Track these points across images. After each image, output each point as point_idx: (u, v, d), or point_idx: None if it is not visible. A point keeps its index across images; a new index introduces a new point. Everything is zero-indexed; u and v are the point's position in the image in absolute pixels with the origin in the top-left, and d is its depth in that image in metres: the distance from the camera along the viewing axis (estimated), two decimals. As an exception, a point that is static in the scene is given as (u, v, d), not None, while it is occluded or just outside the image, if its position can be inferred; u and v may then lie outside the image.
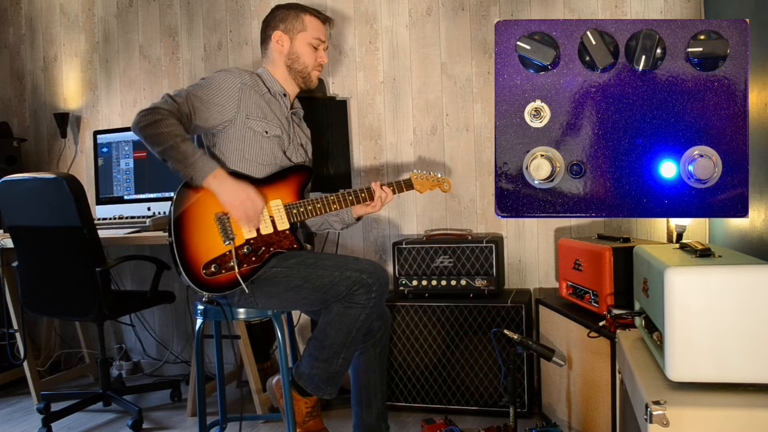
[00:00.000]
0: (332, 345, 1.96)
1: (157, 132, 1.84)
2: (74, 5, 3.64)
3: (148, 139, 1.86)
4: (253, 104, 2.03)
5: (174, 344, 3.53)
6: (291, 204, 2.03)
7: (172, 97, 1.93)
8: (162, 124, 1.84)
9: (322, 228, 2.31)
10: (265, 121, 2.05)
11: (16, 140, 3.53)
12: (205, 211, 1.94)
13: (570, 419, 2.29)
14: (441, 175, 2.29)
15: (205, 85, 1.99)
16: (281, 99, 2.15)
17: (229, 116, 2.00)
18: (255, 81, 2.08)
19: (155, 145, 1.85)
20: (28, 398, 3.16)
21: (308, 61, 2.14)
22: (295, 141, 2.18)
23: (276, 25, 2.14)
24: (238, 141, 2.02)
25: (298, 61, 2.13)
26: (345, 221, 2.25)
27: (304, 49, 2.13)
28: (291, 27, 2.13)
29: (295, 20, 2.13)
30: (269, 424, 2.71)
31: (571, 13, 2.86)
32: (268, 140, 2.05)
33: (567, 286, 2.42)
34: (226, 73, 2.02)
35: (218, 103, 1.98)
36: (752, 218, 1.93)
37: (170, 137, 1.84)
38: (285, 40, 2.13)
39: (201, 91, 1.97)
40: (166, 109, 1.88)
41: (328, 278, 1.93)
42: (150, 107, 1.88)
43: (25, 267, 2.68)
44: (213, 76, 2.02)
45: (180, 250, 1.89)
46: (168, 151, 1.85)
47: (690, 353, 1.23)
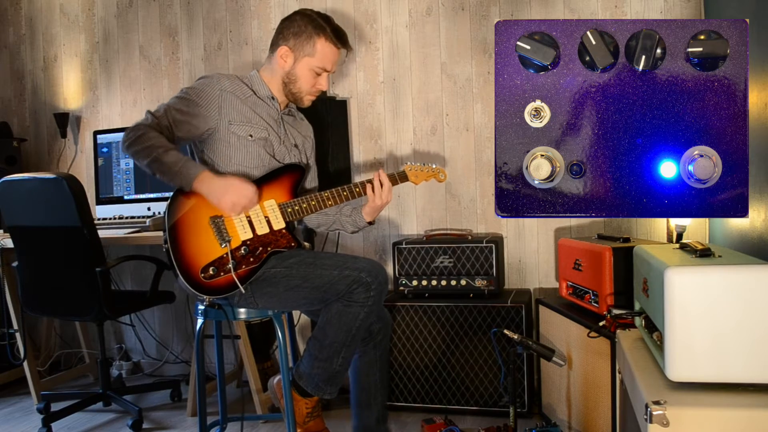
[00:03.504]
0: (332, 344, 1.96)
1: (141, 147, 1.88)
2: (74, 5, 3.64)
3: (135, 156, 1.91)
4: (233, 110, 2.02)
5: (174, 344, 3.53)
6: (285, 203, 2.03)
7: (151, 113, 1.95)
8: (143, 139, 1.88)
9: (333, 228, 2.29)
10: (249, 125, 2.04)
11: (16, 140, 3.53)
12: (199, 215, 1.94)
13: (570, 419, 2.29)
14: (435, 166, 2.25)
15: (185, 96, 1.99)
16: (269, 102, 2.12)
17: (212, 124, 2.00)
18: (235, 85, 2.05)
19: (141, 159, 1.90)
20: (28, 398, 3.16)
21: (304, 87, 2.10)
22: (288, 142, 2.16)
23: (287, 38, 2.07)
24: (224, 147, 2.02)
25: (295, 83, 2.10)
26: (357, 224, 2.22)
27: (305, 74, 2.08)
28: (300, 47, 2.06)
29: (307, 42, 2.05)
30: (269, 424, 2.71)
31: (571, 13, 2.86)
32: (253, 143, 2.04)
33: (567, 286, 2.42)
34: (205, 82, 2.03)
35: (198, 114, 1.98)
36: (752, 218, 1.93)
37: (153, 150, 1.87)
38: (289, 58, 2.07)
39: (180, 104, 1.98)
40: (146, 124, 1.92)
41: (327, 277, 1.93)
42: (132, 126, 1.92)
43: (25, 267, 2.68)
44: (193, 86, 2.03)
45: (177, 256, 1.90)
46: (153, 164, 1.88)
47: (690, 353, 1.23)
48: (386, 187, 2.11)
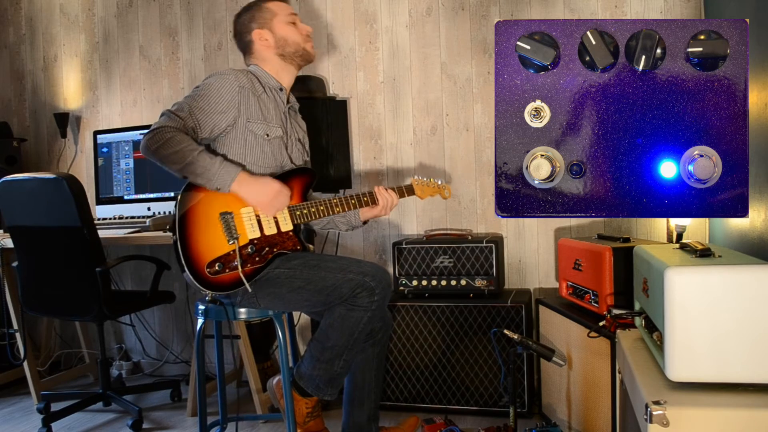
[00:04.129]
0: (334, 347, 1.96)
1: (172, 151, 1.84)
2: (74, 5, 3.64)
3: (164, 160, 1.86)
4: (252, 107, 2.01)
5: (174, 344, 3.53)
6: (295, 206, 2.04)
7: (174, 113, 1.90)
8: (173, 142, 1.84)
9: (327, 227, 2.31)
10: (265, 123, 2.04)
11: (16, 140, 3.53)
12: (209, 210, 1.93)
13: (570, 419, 2.29)
14: (441, 182, 2.32)
15: (204, 94, 1.95)
16: (277, 94, 2.13)
17: (231, 121, 1.98)
18: (251, 81, 2.04)
19: (172, 164, 1.85)
20: (28, 398, 3.16)
21: (297, 38, 2.13)
22: (293, 137, 2.18)
23: (249, 28, 2.12)
24: (239, 146, 2.01)
25: (287, 44, 2.12)
26: (351, 223, 2.25)
27: (287, 30, 2.12)
28: (263, 19, 2.12)
29: (262, 11, 2.12)
30: (269, 424, 2.71)
31: (571, 13, 2.86)
32: (269, 143, 2.05)
33: (567, 286, 2.42)
34: (222, 78, 1.98)
35: (221, 111, 1.96)
36: (752, 218, 1.93)
37: (186, 153, 1.84)
38: (266, 33, 2.11)
39: (201, 102, 1.94)
40: (173, 126, 1.87)
41: (331, 280, 1.93)
42: (156, 127, 1.86)
43: (25, 267, 2.68)
44: (209, 83, 1.97)
45: (184, 249, 1.89)
46: (187, 167, 1.85)
47: (690, 353, 1.23)
48: (396, 201, 2.19)
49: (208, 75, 2.06)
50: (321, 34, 3.19)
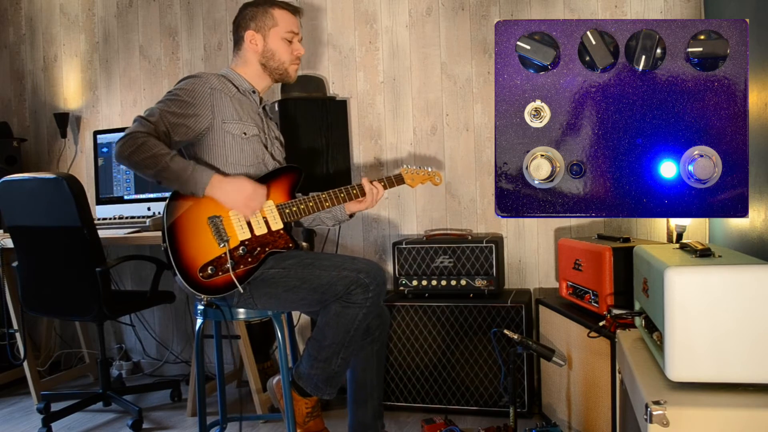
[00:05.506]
0: (331, 345, 1.96)
1: (143, 157, 1.83)
2: (74, 5, 3.64)
3: (136, 166, 1.85)
4: (225, 108, 2.01)
5: (174, 344, 3.53)
6: (283, 204, 2.03)
7: (145, 118, 1.89)
8: (145, 148, 1.83)
9: (314, 224, 2.31)
10: (241, 123, 2.03)
11: (16, 140, 3.53)
12: (198, 214, 1.93)
13: (570, 419, 2.29)
14: (432, 169, 2.33)
15: (176, 98, 1.94)
16: (251, 96, 2.13)
17: (206, 124, 1.98)
18: (223, 83, 2.04)
19: (145, 169, 1.85)
20: (28, 398, 3.16)
21: (284, 57, 2.12)
22: (270, 135, 2.18)
23: (247, 25, 2.11)
24: (219, 147, 2.01)
25: (273, 58, 2.11)
26: (337, 218, 2.25)
27: (279, 45, 2.10)
28: (262, 24, 2.10)
29: (265, 16, 2.10)
30: (269, 424, 2.71)
31: (571, 13, 2.86)
32: (247, 141, 2.04)
33: (567, 286, 2.42)
34: (193, 81, 1.99)
35: (193, 114, 1.95)
36: (752, 218, 1.93)
37: (158, 159, 1.83)
38: (258, 38, 2.09)
39: (174, 106, 1.93)
40: (144, 131, 1.85)
41: (325, 278, 1.93)
42: (127, 134, 1.85)
43: (25, 267, 2.68)
44: (180, 87, 1.98)
45: (175, 255, 1.89)
46: (160, 173, 1.85)
47: (690, 353, 1.23)
48: (381, 193, 2.19)
49: (180, 79, 2.05)
50: (321, 33, 3.20)
